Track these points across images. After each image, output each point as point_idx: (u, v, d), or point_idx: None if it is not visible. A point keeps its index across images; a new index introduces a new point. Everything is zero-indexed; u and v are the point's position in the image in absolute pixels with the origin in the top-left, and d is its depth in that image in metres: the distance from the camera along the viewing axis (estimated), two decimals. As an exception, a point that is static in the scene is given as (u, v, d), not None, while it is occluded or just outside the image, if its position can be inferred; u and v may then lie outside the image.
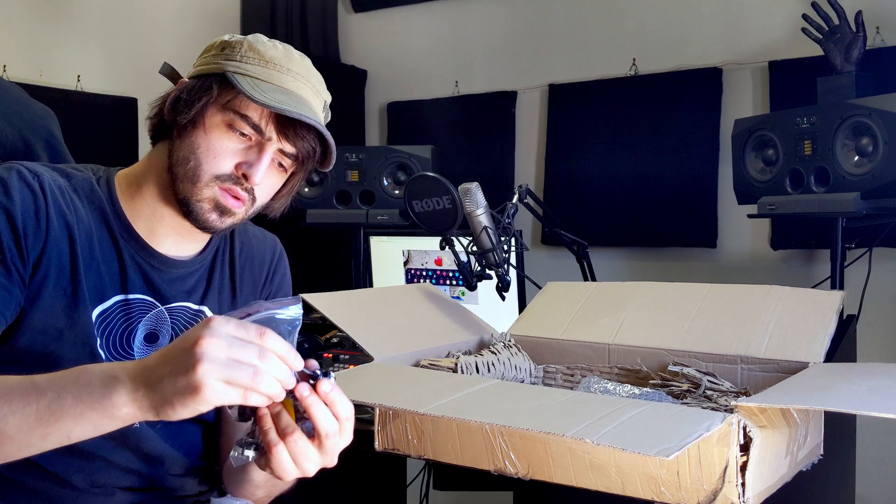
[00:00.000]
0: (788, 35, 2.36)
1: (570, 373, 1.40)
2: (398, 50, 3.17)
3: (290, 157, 1.09)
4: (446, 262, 2.18)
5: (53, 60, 2.86)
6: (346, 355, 1.79)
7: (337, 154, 1.13)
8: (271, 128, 1.05)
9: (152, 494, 1.12)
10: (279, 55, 1.07)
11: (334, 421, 0.85)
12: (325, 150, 1.10)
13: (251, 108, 1.04)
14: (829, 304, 1.27)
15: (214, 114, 1.05)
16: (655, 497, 0.97)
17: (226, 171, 1.05)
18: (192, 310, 1.15)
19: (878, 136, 1.66)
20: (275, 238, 1.31)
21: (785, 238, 2.38)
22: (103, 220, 1.08)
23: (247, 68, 1.05)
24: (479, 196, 1.52)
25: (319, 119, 1.08)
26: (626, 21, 2.69)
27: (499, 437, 1.06)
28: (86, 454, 1.05)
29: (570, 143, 2.76)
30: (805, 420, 1.07)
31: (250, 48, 1.07)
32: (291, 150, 1.07)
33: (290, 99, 1.04)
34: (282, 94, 1.04)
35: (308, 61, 1.12)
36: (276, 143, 1.06)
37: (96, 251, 1.06)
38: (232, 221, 1.09)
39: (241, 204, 1.07)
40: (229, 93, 1.04)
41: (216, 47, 1.09)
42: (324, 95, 1.13)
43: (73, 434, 0.80)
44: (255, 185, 1.06)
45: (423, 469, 2.41)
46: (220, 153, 1.04)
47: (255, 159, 1.05)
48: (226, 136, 1.05)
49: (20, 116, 1.40)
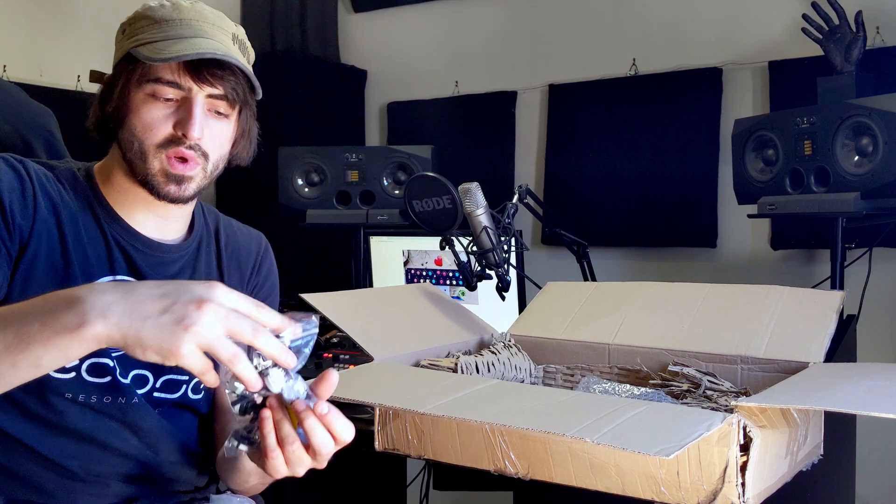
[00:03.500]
0: (788, 35, 2.36)
1: (570, 373, 1.40)
2: (398, 50, 3.17)
3: (221, 100, 1.10)
4: (446, 262, 2.17)
5: (53, 60, 2.87)
6: (346, 355, 1.79)
7: (337, 154, 1.14)
8: (187, 78, 1.06)
9: (148, 487, 1.12)
10: (168, 11, 1.09)
11: (331, 441, 0.86)
12: (249, 78, 1.11)
13: (161, 69, 1.06)
14: (829, 304, 1.27)
15: (136, 92, 1.08)
16: (655, 497, 0.97)
17: (165, 137, 1.07)
18: None
19: (878, 136, 1.66)
20: (260, 234, 1.34)
21: (785, 238, 2.38)
22: (87, 205, 1.12)
23: (143, 38, 1.07)
24: (479, 196, 1.52)
25: (227, 51, 1.08)
26: (626, 21, 2.69)
27: (499, 437, 1.06)
28: (82, 436, 1.06)
29: (570, 143, 2.76)
30: (805, 420, 1.07)
31: (141, 17, 1.10)
32: (217, 91, 1.08)
33: (190, 45, 1.06)
34: (180, 43, 1.06)
35: (201, 4, 1.13)
36: (199, 92, 1.07)
37: (82, 234, 1.09)
38: (195, 186, 1.11)
39: (193, 164, 1.09)
40: (139, 66, 1.07)
41: (119, 33, 1.13)
42: (229, 28, 1.13)
43: (42, 361, 0.78)
44: (195, 140, 1.07)
45: (423, 469, 2.40)
46: (153, 124, 1.07)
47: (186, 116, 1.07)
48: (153, 106, 1.07)
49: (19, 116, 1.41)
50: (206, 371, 0.78)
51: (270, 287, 1.32)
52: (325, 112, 3.05)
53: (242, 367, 0.78)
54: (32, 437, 1.04)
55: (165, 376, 1.13)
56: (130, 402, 1.09)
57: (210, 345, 0.76)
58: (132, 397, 1.09)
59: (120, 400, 1.08)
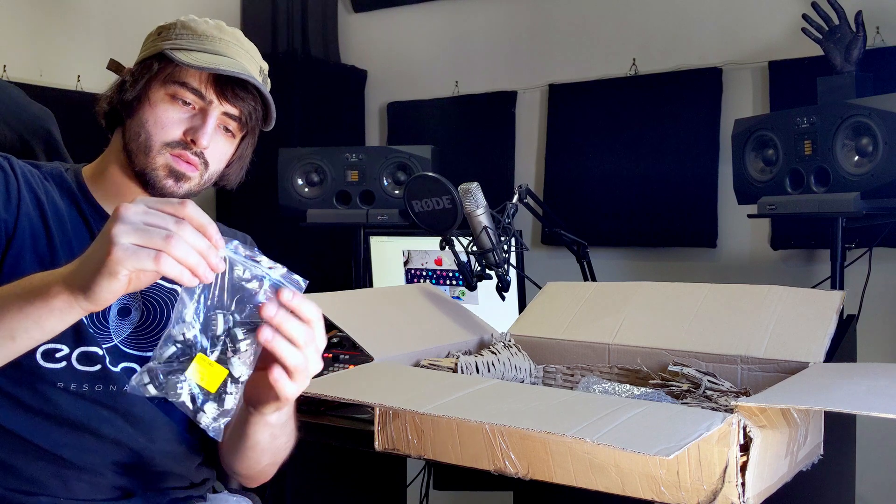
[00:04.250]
0: (788, 35, 2.36)
1: (570, 373, 1.40)
2: (398, 50, 3.17)
3: (234, 120, 1.16)
4: (446, 262, 2.17)
5: (53, 60, 2.87)
6: (346, 355, 1.79)
7: (337, 154, 1.15)
8: (211, 91, 1.12)
9: (143, 479, 1.12)
10: (210, 28, 1.15)
11: (306, 329, 0.86)
12: (267, 109, 1.19)
13: (189, 75, 1.12)
14: (829, 304, 1.27)
15: (158, 89, 1.12)
16: (655, 497, 0.97)
17: (174, 138, 1.12)
18: (164, 287, 1.16)
19: (878, 136, 1.66)
20: (245, 236, 1.35)
21: (785, 238, 2.38)
22: (74, 202, 1.14)
23: (181, 43, 1.13)
24: (479, 196, 1.52)
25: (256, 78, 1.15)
26: (626, 21, 2.69)
27: (499, 436, 1.06)
28: (74, 425, 1.06)
29: (570, 143, 2.76)
30: (805, 420, 1.07)
31: (183, 26, 1.15)
32: (234, 111, 1.15)
33: (223, 61, 1.12)
34: (215, 57, 1.12)
35: (240, 33, 1.19)
36: (218, 107, 1.13)
37: (68, 229, 1.11)
38: (188, 187, 1.15)
39: (195, 168, 1.14)
40: (168, 67, 1.12)
41: (154, 33, 1.17)
42: (259, 62, 1.20)
43: (16, 332, 0.83)
44: (203, 148, 1.13)
45: (423, 469, 2.41)
46: (167, 123, 1.12)
47: (200, 124, 1.12)
48: (171, 106, 1.12)
49: (19, 118, 1.41)
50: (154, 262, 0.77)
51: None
52: (325, 112, 3.05)
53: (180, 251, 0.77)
54: (25, 427, 1.05)
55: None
56: (121, 390, 1.09)
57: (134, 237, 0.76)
58: (123, 385, 1.09)
59: (111, 388, 1.09)
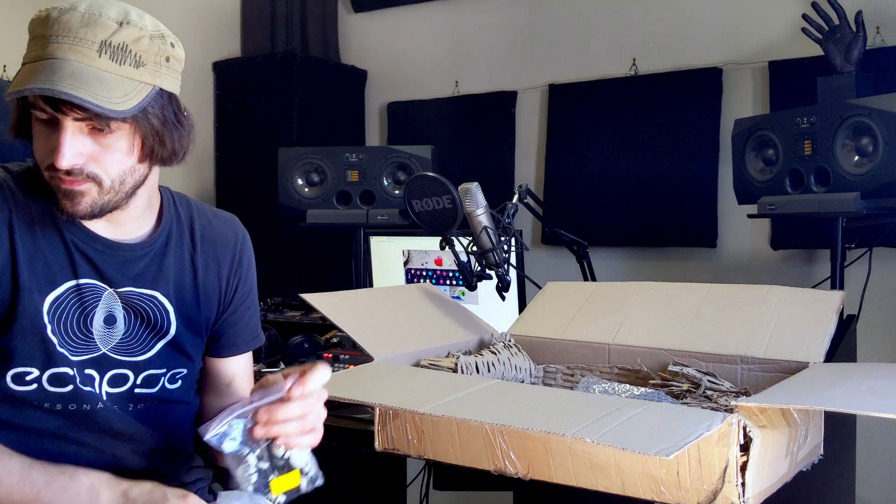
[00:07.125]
0: (788, 35, 2.36)
1: (570, 373, 1.40)
2: (398, 50, 3.17)
3: (92, 118, 0.99)
4: (446, 262, 2.17)
5: (53, 60, 2.86)
6: (346, 355, 1.79)
7: (337, 154, 1.13)
8: (47, 107, 0.98)
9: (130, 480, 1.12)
10: (37, 25, 1.01)
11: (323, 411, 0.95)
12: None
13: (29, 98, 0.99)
14: (829, 304, 1.27)
15: (33, 113, 1.01)
16: (655, 497, 0.97)
17: (50, 162, 1.01)
18: (144, 294, 1.13)
19: (878, 136, 1.66)
20: (234, 218, 1.28)
21: (785, 238, 2.38)
22: (46, 210, 1.08)
23: (24, 57, 1.00)
24: (479, 196, 1.52)
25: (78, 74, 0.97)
26: (626, 21, 2.68)
27: (499, 436, 1.06)
28: (56, 436, 1.07)
29: (570, 143, 2.76)
30: (805, 420, 1.07)
31: (30, 29, 1.02)
32: (80, 113, 0.98)
33: (40, 70, 0.96)
34: (35, 65, 0.97)
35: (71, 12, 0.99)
36: (66, 116, 0.98)
37: (40, 241, 1.07)
38: (88, 201, 1.03)
39: (80, 183, 1.02)
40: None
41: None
42: (98, 36, 0.99)
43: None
44: (63, 167, 0.99)
45: (423, 469, 2.40)
46: (39, 150, 1.03)
47: (55, 143, 0.99)
48: (40, 130, 1.02)
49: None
50: None
51: (251, 282, 1.28)
52: (325, 112, 3.05)
53: None
54: (9, 441, 1.05)
55: (145, 373, 1.13)
56: (96, 408, 1.09)
57: None
58: (96, 403, 1.09)
59: (85, 407, 1.08)
